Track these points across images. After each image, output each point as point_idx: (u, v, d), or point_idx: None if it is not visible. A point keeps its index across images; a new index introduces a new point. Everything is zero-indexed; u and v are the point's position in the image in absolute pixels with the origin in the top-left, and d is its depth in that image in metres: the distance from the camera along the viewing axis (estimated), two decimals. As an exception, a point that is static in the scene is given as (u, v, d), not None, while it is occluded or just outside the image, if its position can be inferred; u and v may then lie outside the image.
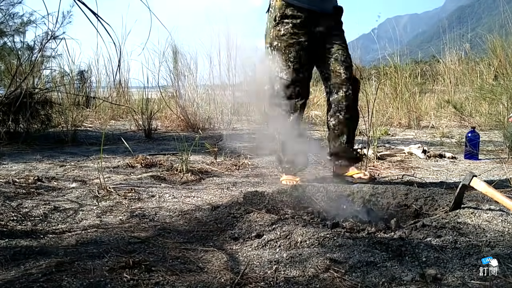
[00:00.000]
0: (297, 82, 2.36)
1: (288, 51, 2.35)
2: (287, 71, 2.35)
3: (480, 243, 1.36)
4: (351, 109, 2.42)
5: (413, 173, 2.89)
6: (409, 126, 5.84)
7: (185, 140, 3.05)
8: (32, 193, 2.16)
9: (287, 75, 2.35)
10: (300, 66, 2.36)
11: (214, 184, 2.50)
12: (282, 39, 2.36)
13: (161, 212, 1.91)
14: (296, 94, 2.37)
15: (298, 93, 2.38)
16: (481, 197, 1.94)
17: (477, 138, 3.45)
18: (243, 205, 1.82)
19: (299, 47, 2.35)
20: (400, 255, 1.29)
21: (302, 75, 2.38)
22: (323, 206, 1.92)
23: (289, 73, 2.35)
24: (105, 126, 5.30)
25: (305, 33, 2.36)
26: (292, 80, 2.35)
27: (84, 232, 1.60)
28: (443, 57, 7.34)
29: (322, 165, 3.13)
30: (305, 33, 2.36)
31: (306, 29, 2.36)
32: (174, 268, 1.25)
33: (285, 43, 2.35)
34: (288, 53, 2.35)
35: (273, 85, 2.39)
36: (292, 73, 2.35)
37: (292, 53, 2.35)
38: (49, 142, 3.93)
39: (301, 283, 1.15)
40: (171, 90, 5.73)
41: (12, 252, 1.35)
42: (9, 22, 4.20)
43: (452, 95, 6.81)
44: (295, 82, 2.36)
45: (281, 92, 2.36)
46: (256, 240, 1.47)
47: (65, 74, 6.15)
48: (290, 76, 2.35)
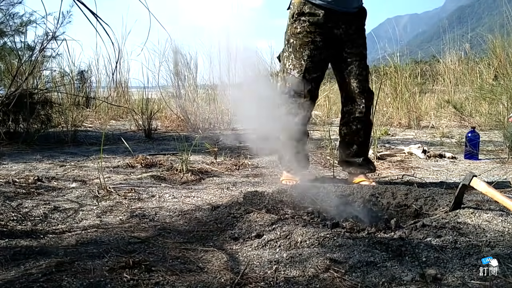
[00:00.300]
0: (307, 81, 2.34)
1: (302, 49, 2.32)
2: (299, 69, 2.33)
3: (480, 243, 1.36)
4: (363, 121, 2.42)
5: (413, 173, 2.89)
6: (409, 126, 5.84)
7: (185, 140, 3.05)
8: (32, 193, 2.16)
9: (298, 73, 2.33)
10: (312, 65, 2.33)
11: (214, 184, 2.50)
12: (297, 37, 2.34)
13: (161, 212, 1.91)
14: (305, 93, 2.35)
15: (307, 92, 2.35)
16: (481, 197, 1.94)
17: (477, 138, 3.45)
18: (243, 205, 1.82)
19: (314, 46, 2.32)
20: (400, 255, 1.29)
21: (314, 75, 2.35)
22: (323, 206, 1.92)
23: (301, 72, 2.33)
24: (105, 126, 5.30)
25: (322, 33, 2.32)
26: (302, 79, 2.33)
27: (84, 232, 1.60)
28: (443, 57, 7.34)
29: (322, 165, 3.13)
30: (322, 33, 2.32)
31: (323, 28, 2.32)
32: (174, 268, 1.25)
33: (300, 41, 2.33)
34: (302, 51, 2.32)
35: (284, 82, 2.38)
36: (304, 71, 2.33)
37: (306, 51, 2.32)
38: (49, 142, 3.93)
39: (301, 283, 1.15)
40: (171, 90, 5.74)
41: (12, 252, 1.35)
42: (9, 22, 4.20)
43: (452, 95, 6.81)
44: (305, 81, 2.34)
45: (291, 89, 2.35)
46: (256, 240, 1.47)
47: (65, 74, 6.15)
48: (301, 75, 2.33)
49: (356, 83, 2.36)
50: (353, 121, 2.42)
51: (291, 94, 2.34)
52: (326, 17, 2.30)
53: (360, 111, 2.39)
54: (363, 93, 2.38)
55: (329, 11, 2.30)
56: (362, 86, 2.37)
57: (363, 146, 2.48)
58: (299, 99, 2.34)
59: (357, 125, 2.41)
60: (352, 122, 2.42)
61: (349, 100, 2.41)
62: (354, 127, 2.42)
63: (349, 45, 2.36)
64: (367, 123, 2.45)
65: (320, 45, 2.33)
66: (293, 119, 2.35)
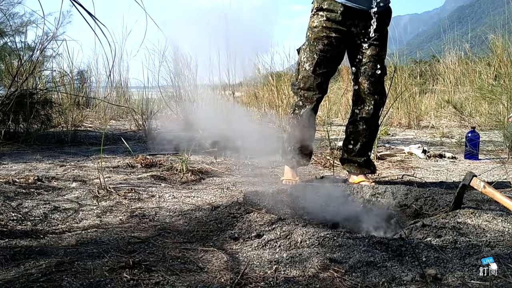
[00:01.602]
0: (317, 75, 2.34)
1: (316, 43, 2.32)
2: (311, 63, 2.33)
3: (480, 243, 1.36)
4: (370, 122, 2.41)
5: (413, 173, 2.89)
6: (409, 126, 5.84)
7: (185, 140, 3.05)
8: (32, 193, 2.16)
9: (309, 67, 2.33)
10: (324, 60, 2.33)
11: (214, 184, 2.50)
12: (313, 31, 2.33)
13: (161, 212, 1.91)
14: (314, 87, 2.35)
15: (316, 86, 2.35)
16: (481, 197, 1.94)
17: (477, 138, 3.45)
18: (243, 205, 1.82)
19: (328, 41, 2.31)
20: (400, 255, 1.29)
21: (324, 70, 2.34)
22: (323, 206, 1.92)
23: (311, 65, 2.33)
24: (105, 126, 5.30)
25: (338, 29, 2.31)
26: (313, 72, 2.33)
27: (84, 232, 1.60)
28: (443, 57, 7.34)
29: (322, 165, 3.13)
30: (338, 29, 2.31)
31: (340, 25, 2.30)
32: (174, 268, 1.25)
33: (315, 35, 2.33)
34: (316, 45, 2.32)
35: (297, 73, 2.39)
36: (315, 65, 2.32)
37: (319, 46, 2.31)
38: (49, 142, 3.93)
39: (301, 283, 1.15)
40: (171, 90, 5.73)
41: (12, 252, 1.35)
42: (9, 22, 4.19)
43: (452, 95, 6.81)
44: (316, 75, 2.33)
45: (301, 82, 2.36)
46: (256, 240, 1.47)
47: (65, 74, 6.14)
48: (311, 68, 2.33)
49: (368, 84, 2.35)
50: (359, 121, 2.42)
51: (300, 86, 2.36)
52: (344, 14, 2.29)
53: (367, 112, 2.39)
54: (373, 95, 2.37)
55: (348, 9, 2.29)
56: (373, 88, 2.36)
57: (366, 147, 2.48)
58: (307, 92, 2.35)
59: (363, 126, 2.41)
60: (358, 122, 2.42)
61: (359, 99, 2.41)
62: (360, 127, 2.42)
63: (366, 45, 2.35)
64: (373, 124, 2.45)
65: (334, 42, 2.32)
66: (300, 111, 2.37)
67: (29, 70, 4.01)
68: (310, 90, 2.35)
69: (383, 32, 2.40)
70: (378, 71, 2.35)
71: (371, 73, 2.35)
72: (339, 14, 2.29)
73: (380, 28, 2.33)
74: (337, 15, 2.29)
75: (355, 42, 2.36)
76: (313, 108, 2.38)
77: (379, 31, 2.34)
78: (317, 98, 2.37)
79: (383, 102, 2.46)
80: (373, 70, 2.35)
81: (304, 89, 2.36)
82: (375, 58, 2.35)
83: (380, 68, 2.36)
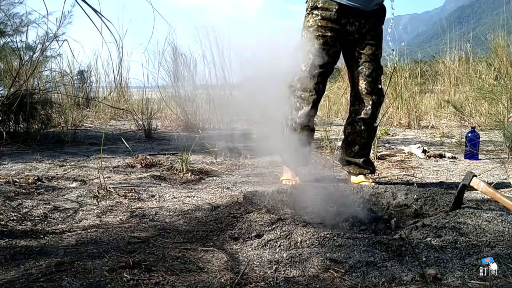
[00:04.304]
0: (314, 76, 2.32)
1: (311, 43, 2.31)
2: (307, 63, 2.31)
3: (480, 243, 1.36)
4: (367, 122, 2.41)
5: (413, 173, 2.89)
6: (409, 126, 5.84)
7: (185, 140, 3.05)
8: (32, 193, 2.16)
9: (306, 67, 2.31)
10: (321, 60, 2.31)
11: (214, 184, 2.50)
12: (309, 30, 2.32)
13: (161, 212, 1.91)
14: (311, 87, 2.33)
15: (313, 87, 2.33)
16: (481, 197, 1.94)
17: (477, 138, 3.45)
18: (243, 205, 1.82)
19: (323, 41, 2.30)
20: (400, 255, 1.29)
21: (321, 70, 2.32)
22: (323, 206, 1.92)
23: (308, 65, 2.31)
24: (105, 126, 5.31)
25: (333, 28, 2.29)
26: (309, 73, 2.31)
27: (84, 232, 1.60)
28: (443, 57, 7.34)
29: (322, 165, 3.13)
30: (333, 28, 2.29)
31: (335, 24, 2.29)
32: (174, 268, 1.25)
33: (310, 35, 2.31)
34: (311, 45, 2.31)
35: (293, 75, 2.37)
36: (311, 65, 2.31)
37: (315, 45, 2.30)
38: (49, 142, 3.93)
39: (301, 283, 1.15)
40: (171, 90, 5.74)
41: (12, 252, 1.35)
42: (10, 22, 4.19)
43: (452, 95, 6.81)
44: (312, 76, 2.32)
45: (297, 82, 2.34)
46: (256, 240, 1.47)
47: (65, 74, 6.15)
48: (308, 68, 2.31)
49: (365, 84, 2.35)
50: (358, 122, 2.41)
51: (297, 87, 2.34)
52: (339, 12, 2.27)
53: (365, 112, 2.38)
54: (371, 95, 2.36)
55: (343, 7, 2.27)
56: (370, 88, 2.36)
57: (365, 148, 2.47)
58: (304, 93, 2.34)
59: (362, 126, 2.41)
60: (357, 123, 2.42)
61: (357, 100, 2.40)
62: (358, 128, 2.41)
63: (361, 44, 2.34)
64: (371, 125, 2.44)
65: (329, 41, 2.31)
66: (297, 112, 2.35)
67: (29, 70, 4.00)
68: (307, 91, 2.34)
69: (378, 30, 2.39)
70: (374, 73, 2.35)
71: (368, 72, 2.34)
72: (334, 13, 2.28)
73: (375, 26, 2.34)
74: (332, 14, 2.28)
75: (351, 41, 2.35)
76: (310, 109, 2.36)
77: (374, 29, 2.35)
78: (314, 99, 2.36)
79: (381, 101, 2.45)
80: (370, 69, 2.34)
81: (300, 90, 2.34)
82: (371, 58, 2.35)
83: (376, 68, 2.36)
